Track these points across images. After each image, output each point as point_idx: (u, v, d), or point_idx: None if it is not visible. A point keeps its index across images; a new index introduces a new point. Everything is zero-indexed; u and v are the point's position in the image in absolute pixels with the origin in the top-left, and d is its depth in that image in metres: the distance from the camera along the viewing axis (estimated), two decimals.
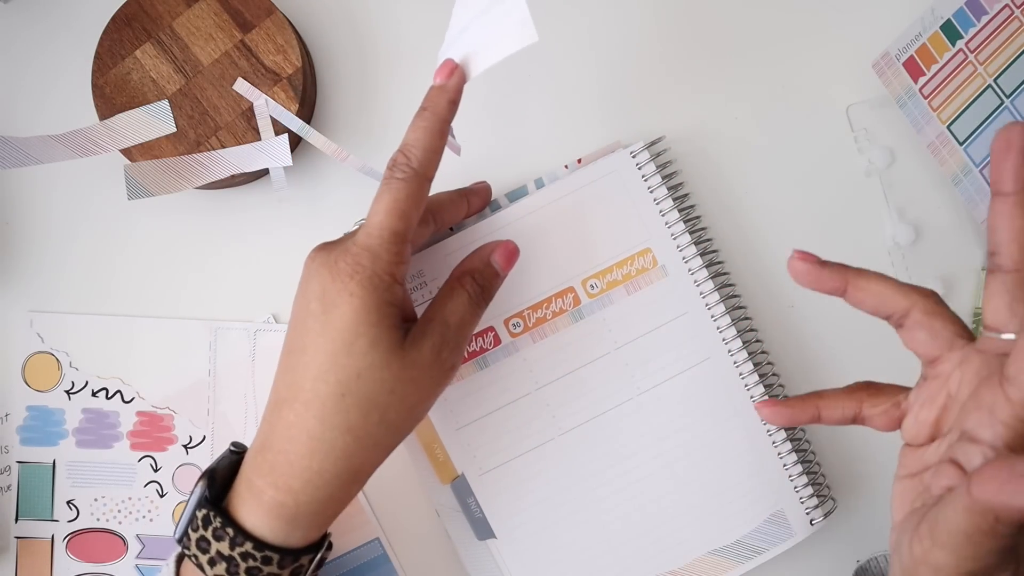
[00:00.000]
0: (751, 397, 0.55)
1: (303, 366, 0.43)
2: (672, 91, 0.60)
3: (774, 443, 0.54)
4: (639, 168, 0.55)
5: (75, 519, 0.57)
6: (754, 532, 0.55)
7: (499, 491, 0.55)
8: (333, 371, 0.42)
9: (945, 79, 0.57)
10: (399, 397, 0.43)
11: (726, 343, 0.55)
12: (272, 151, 0.54)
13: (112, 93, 0.54)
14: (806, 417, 0.45)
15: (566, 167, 0.56)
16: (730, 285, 0.56)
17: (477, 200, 0.54)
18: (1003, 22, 0.57)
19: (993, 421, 0.35)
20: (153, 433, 0.57)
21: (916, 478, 0.41)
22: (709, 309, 0.55)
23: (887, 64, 0.58)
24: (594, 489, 0.55)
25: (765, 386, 0.55)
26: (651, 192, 0.55)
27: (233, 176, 0.54)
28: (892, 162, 0.60)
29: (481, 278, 0.48)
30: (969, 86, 0.57)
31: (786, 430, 0.55)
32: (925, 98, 0.58)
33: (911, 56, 0.57)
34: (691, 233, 0.55)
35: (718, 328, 0.55)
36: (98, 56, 0.54)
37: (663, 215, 0.55)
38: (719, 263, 0.57)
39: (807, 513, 0.55)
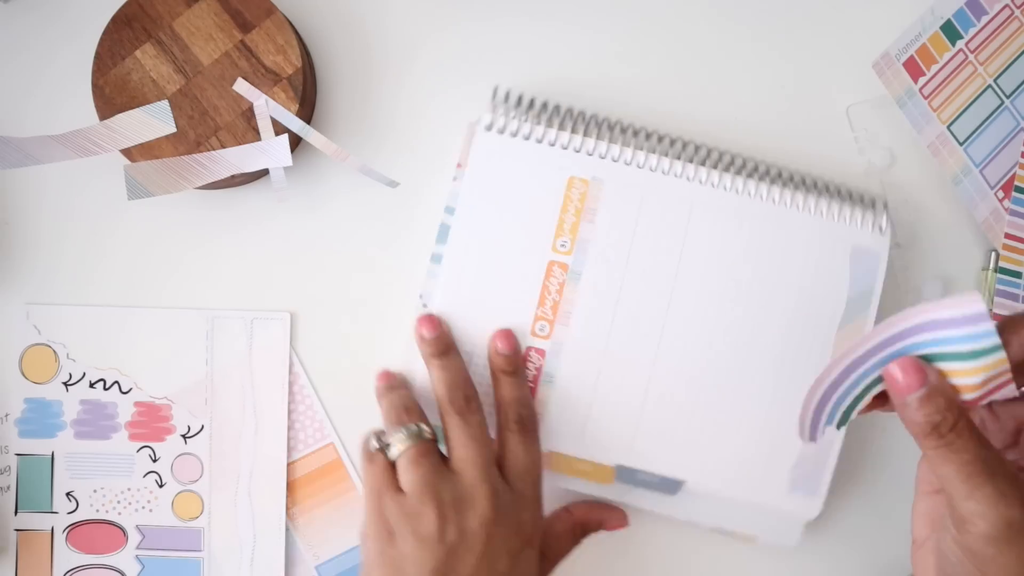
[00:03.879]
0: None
1: None
2: (673, 93, 0.60)
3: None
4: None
5: (74, 511, 0.57)
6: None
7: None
8: None
9: (945, 79, 0.57)
10: None
11: None
12: (272, 151, 0.54)
13: (112, 93, 0.54)
14: None
15: None
16: None
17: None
18: (1003, 22, 0.56)
19: None
20: (151, 423, 0.58)
21: (942, 493, 0.41)
22: None
23: (887, 64, 0.57)
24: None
25: None
26: None
27: (233, 176, 0.54)
28: (892, 162, 0.59)
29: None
30: (969, 86, 0.57)
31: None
32: (925, 98, 0.57)
33: (911, 56, 0.57)
34: None
35: None
36: (98, 56, 0.54)
37: None
38: None
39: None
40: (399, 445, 0.49)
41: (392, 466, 0.49)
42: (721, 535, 0.57)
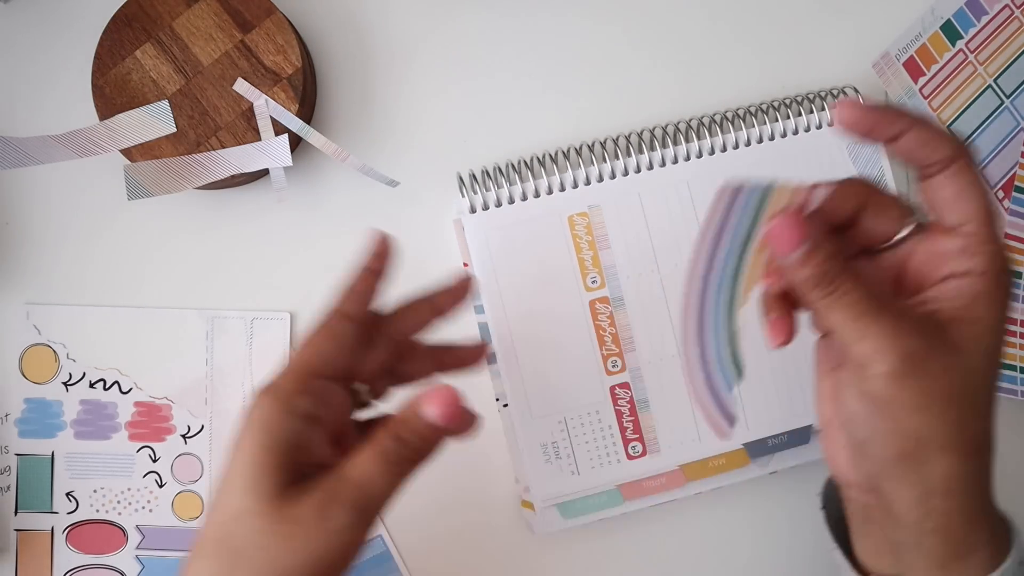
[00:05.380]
0: None
1: (214, 497, 0.39)
2: (671, 94, 0.60)
3: None
4: None
5: (74, 511, 0.57)
6: None
7: None
8: (216, 509, 0.38)
9: (945, 79, 0.57)
10: (270, 555, 0.36)
11: None
12: (272, 151, 0.55)
13: (112, 93, 0.54)
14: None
15: None
16: None
17: (448, 299, 0.45)
18: (1003, 22, 0.57)
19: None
20: (151, 423, 0.58)
21: (843, 367, 0.40)
22: None
23: (887, 64, 0.58)
24: None
25: None
26: None
27: (233, 176, 0.55)
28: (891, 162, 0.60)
29: (405, 431, 0.39)
30: (969, 86, 0.57)
31: None
32: (925, 98, 0.57)
33: (911, 56, 0.57)
34: None
35: None
36: (98, 56, 0.54)
37: None
38: None
39: None
40: None
41: None
42: None
